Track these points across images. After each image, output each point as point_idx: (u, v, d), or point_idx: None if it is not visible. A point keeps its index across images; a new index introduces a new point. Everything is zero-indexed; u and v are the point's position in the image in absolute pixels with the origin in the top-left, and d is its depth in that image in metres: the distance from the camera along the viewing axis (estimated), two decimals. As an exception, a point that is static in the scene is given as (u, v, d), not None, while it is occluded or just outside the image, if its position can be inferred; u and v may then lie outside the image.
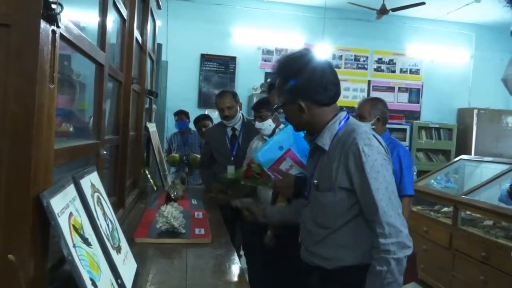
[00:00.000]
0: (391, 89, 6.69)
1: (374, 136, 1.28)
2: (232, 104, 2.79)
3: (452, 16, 6.51)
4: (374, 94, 6.43)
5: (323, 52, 6.42)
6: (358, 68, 6.65)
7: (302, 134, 1.73)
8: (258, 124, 2.36)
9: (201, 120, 4.24)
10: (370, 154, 1.22)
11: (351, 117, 1.38)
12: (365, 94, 6.58)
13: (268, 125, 2.33)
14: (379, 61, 6.70)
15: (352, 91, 6.54)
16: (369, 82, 6.64)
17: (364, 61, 6.67)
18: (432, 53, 6.72)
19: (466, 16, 6.49)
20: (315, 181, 1.34)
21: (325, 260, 1.34)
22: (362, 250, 1.28)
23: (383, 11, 5.32)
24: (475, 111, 6.41)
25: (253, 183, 1.96)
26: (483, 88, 6.92)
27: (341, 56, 6.60)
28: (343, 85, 6.61)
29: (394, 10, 5.34)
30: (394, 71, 6.72)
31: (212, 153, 2.94)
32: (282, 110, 1.44)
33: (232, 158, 2.76)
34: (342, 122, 1.33)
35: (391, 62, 6.72)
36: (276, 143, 1.77)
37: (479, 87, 6.92)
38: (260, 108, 2.35)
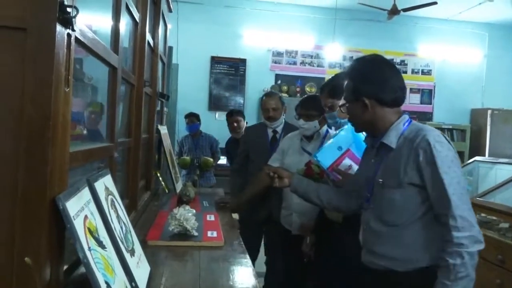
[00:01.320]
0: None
1: (443, 135, 1.32)
2: (278, 106, 2.78)
3: (464, 15, 6.44)
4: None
5: (334, 53, 6.40)
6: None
7: (360, 134, 1.73)
8: (303, 123, 2.22)
9: (234, 114, 4.12)
10: (441, 150, 1.26)
11: (412, 120, 1.42)
12: (376, 95, 6.53)
13: (313, 126, 2.23)
14: (391, 61, 6.65)
15: (363, 92, 6.51)
16: (380, 83, 6.59)
17: (375, 62, 6.63)
18: (444, 53, 6.65)
19: (479, 16, 6.41)
20: (380, 180, 1.37)
21: (392, 261, 1.34)
22: (433, 250, 1.29)
23: (394, 11, 5.28)
24: (489, 112, 6.32)
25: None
26: (497, 88, 6.82)
27: (352, 57, 6.56)
28: (354, 86, 6.61)
29: (405, 10, 5.30)
30: (405, 72, 6.66)
31: (248, 153, 2.91)
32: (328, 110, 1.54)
33: None
34: (406, 124, 1.38)
35: (402, 62, 6.67)
36: (335, 143, 1.78)
37: (492, 87, 6.83)
38: (309, 106, 2.23)
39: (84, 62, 1.46)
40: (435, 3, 5.13)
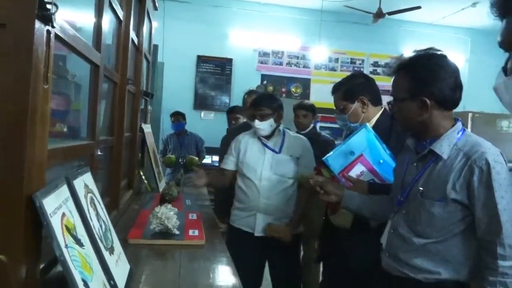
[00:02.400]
0: (387, 92, 6.66)
1: (501, 154, 1.22)
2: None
3: (448, 20, 6.56)
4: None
5: (319, 54, 6.45)
6: (354, 71, 6.67)
7: (375, 139, 1.66)
8: (257, 124, 2.18)
9: (234, 111, 3.94)
10: (500, 172, 1.16)
11: (466, 129, 1.31)
12: (361, 97, 6.60)
13: (269, 125, 2.19)
14: (375, 64, 6.73)
15: (348, 94, 6.57)
16: (365, 85, 6.66)
17: (360, 64, 6.70)
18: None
19: (461, 21, 6.53)
20: (421, 188, 1.27)
21: (417, 270, 1.28)
22: (463, 267, 1.24)
23: (379, 14, 5.35)
24: (470, 115, 6.44)
25: None
26: (478, 92, 6.95)
27: (337, 59, 6.63)
28: (339, 88, 6.66)
29: (390, 13, 5.38)
30: (390, 75, 6.74)
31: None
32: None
33: None
34: (461, 134, 1.27)
35: (387, 65, 6.74)
36: (348, 147, 1.67)
37: (474, 91, 6.95)
38: (262, 105, 2.18)
39: (68, 59, 1.45)
40: (419, 7, 5.22)
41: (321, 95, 6.15)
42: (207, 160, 5.55)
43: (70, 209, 0.97)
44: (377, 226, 1.62)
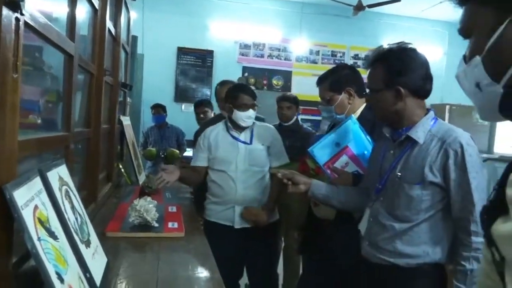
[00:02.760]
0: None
1: (472, 138, 1.29)
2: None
3: (426, 13, 6.65)
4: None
5: (300, 47, 6.46)
6: (335, 63, 6.69)
7: (360, 131, 1.67)
8: (251, 114, 2.21)
9: (202, 105, 3.90)
10: (472, 154, 1.24)
11: (438, 117, 1.38)
12: (341, 90, 6.66)
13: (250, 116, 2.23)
14: (356, 57, 6.78)
15: (329, 87, 6.61)
16: (345, 77, 6.72)
17: (341, 56, 6.75)
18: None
19: (439, 14, 6.64)
20: (399, 174, 1.33)
21: (398, 256, 1.32)
22: (441, 248, 1.30)
23: (359, 7, 5.39)
24: (447, 107, 6.58)
25: None
26: (455, 85, 7.01)
27: (318, 51, 6.65)
28: (320, 80, 6.70)
29: (370, 6, 5.42)
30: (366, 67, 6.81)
31: None
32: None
33: None
34: (434, 121, 1.35)
35: (367, 57, 6.81)
36: (334, 139, 1.69)
37: (451, 83, 7.08)
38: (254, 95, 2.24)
39: (45, 51, 1.42)
40: (399, 0, 5.27)
41: (303, 87, 6.18)
42: (189, 152, 5.49)
43: (43, 201, 0.95)
44: (361, 218, 1.65)
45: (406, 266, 1.32)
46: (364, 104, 1.80)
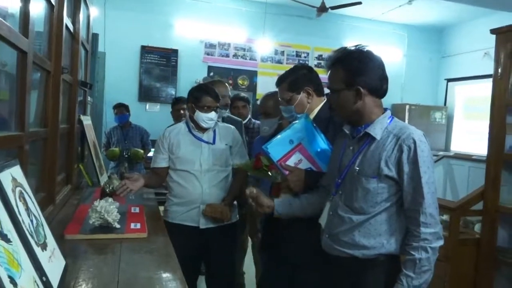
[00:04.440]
0: (330, 85, 6.92)
1: (424, 135, 1.36)
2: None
3: (386, 16, 6.87)
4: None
5: (265, 47, 6.50)
6: (300, 64, 6.81)
7: (313, 129, 1.70)
8: (214, 116, 2.21)
9: (181, 102, 3.73)
10: (424, 150, 1.30)
11: (394, 116, 1.45)
12: (306, 90, 6.76)
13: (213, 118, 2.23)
14: (320, 57, 6.91)
15: (294, 86, 6.69)
16: (310, 77, 6.83)
17: (305, 57, 6.85)
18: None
19: (399, 17, 6.87)
20: (357, 168, 1.39)
21: (356, 248, 1.38)
22: (395, 239, 1.36)
23: (322, 8, 5.48)
24: (407, 107, 6.82)
25: (262, 175, 1.87)
26: (415, 85, 7.39)
27: (283, 51, 6.72)
28: (285, 80, 6.77)
29: (333, 8, 5.53)
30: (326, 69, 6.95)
31: None
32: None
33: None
34: (390, 119, 1.42)
35: (324, 60, 6.96)
36: (287, 136, 1.71)
37: (410, 84, 7.38)
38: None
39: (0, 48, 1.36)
40: (360, 3, 5.41)
41: (268, 87, 6.22)
42: (153, 153, 5.43)
43: (-6, 203, 0.91)
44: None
45: (362, 257, 1.38)
46: (322, 103, 1.84)
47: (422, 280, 1.29)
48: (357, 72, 1.38)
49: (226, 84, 3.00)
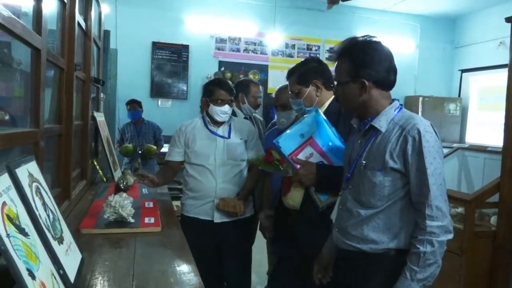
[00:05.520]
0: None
1: (432, 125, 1.33)
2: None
3: (398, 7, 6.76)
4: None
5: (275, 40, 6.47)
6: (311, 57, 6.76)
7: (324, 122, 1.69)
8: (227, 109, 2.24)
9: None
10: (429, 140, 1.27)
11: (403, 107, 1.41)
12: (317, 83, 6.72)
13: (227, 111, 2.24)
14: (331, 50, 6.85)
15: (305, 80, 6.65)
16: (321, 71, 6.78)
17: (316, 50, 6.80)
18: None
19: (411, 8, 6.76)
20: (364, 161, 1.37)
21: (365, 242, 1.36)
22: (404, 234, 1.33)
23: (333, 1, 5.41)
24: (420, 99, 6.73)
25: (273, 169, 1.87)
26: (428, 77, 7.29)
27: (294, 45, 6.68)
28: (296, 74, 6.73)
29: (344, 0, 5.46)
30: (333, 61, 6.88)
31: None
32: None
33: None
34: (397, 110, 1.37)
35: (331, 52, 6.88)
36: (298, 130, 1.71)
37: (424, 75, 7.27)
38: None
39: (13, 46, 1.38)
40: (371, -6, 5.33)
41: (279, 81, 6.19)
42: (165, 148, 5.46)
43: (12, 198, 0.93)
44: (325, 207, 1.70)
45: (370, 252, 1.36)
46: (333, 97, 1.83)
47: (426, 274, 1.26)
48: (362, 64, 1.34)
49: (260, 85, 3.05)
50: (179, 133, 2.31)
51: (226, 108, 2.22)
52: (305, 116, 1.74)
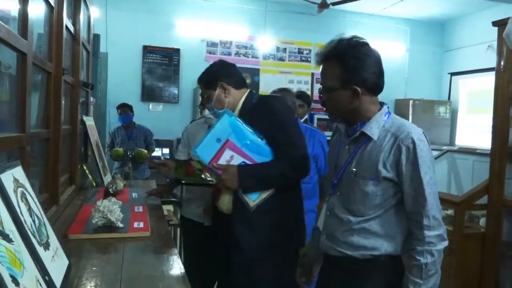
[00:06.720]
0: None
1: (424, 133, 1.30)
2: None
3: (388, 11, 6.82)
4: (317, 86, 6.60)
5: (266, 44, 6.49)
6: (302, 60, 6.79)
7: (237, 122, 1.69)
8: (208, 113, 2.19)
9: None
10: (423, 149, 1.24)
11: (390, 112, 1.37)
12: (308, 87, 6.75)
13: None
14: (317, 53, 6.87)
15: (296, 84, 6.68)
16: (312, 74, 6.81)
17: (307, 54, 6.83)
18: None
19: (401, 12, 6.82)
20: (354, 169, 1.33)
21: (354, 248, 1.34)
22: (396, 240, 1.32)
23: (323, 4, 5.44)
24: (411, 102, 6.79)
25: (196, 180, 1.86)
26: (418, 80, 7.35)
27: (285, 49, 6.71)
28: (287, 77, 6.75)
29: (334, 4, 5.49)
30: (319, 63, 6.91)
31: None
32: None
33: None
34: (387, 116, 1.34)
35: (317, 54, 6.91)
36: (213, 135, 1.69)
37: (414, 79, 7.34)
38: None
39: (2, 51, 1.36)
40: (361, -2, 5.37)
41: (270, 84, 6.20)
42: (157, 152, 5.45)
43: (-5, 204, 0.92)
44: (255, 207, 1.72)
45: (361, 258, 1.33)
46: (245, 95, 1.84)
47: (430, 285, 1.25)
48: (354, 70, 1.27)
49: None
50: (184, 133, 2.40)
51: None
52: (217, 120, 1.73)
